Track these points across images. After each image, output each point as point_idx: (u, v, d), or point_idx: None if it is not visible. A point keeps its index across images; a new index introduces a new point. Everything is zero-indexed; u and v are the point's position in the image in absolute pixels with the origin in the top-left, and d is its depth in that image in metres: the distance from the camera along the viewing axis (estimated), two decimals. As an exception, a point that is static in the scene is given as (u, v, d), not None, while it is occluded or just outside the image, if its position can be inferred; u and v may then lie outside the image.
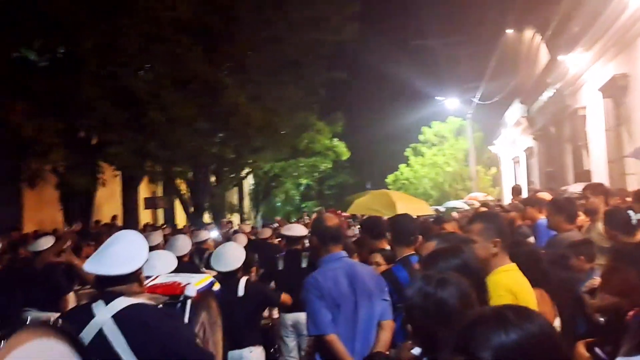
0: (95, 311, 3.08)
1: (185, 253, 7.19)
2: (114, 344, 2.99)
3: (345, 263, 4.28)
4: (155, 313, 3.14)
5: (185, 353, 3.08)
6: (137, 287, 3.21)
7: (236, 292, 5.44)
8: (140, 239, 3.30)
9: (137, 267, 3.18)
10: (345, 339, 4.06)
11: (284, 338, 7.23)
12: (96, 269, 3.15)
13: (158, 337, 3.02)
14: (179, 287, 3.76)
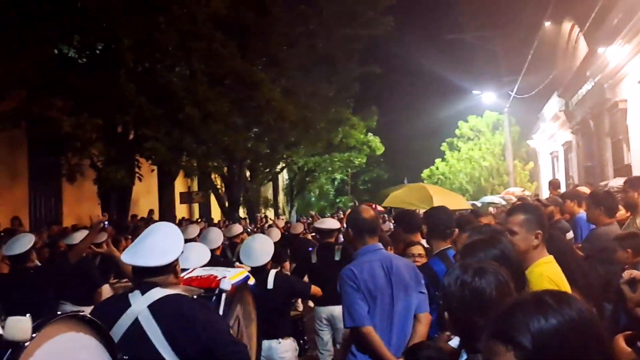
0: (131, 301, 3.11)
1: (217, 246, 7.22)
2: (149, 333, 3.01)
3: (382, 255, 4.24)
4: (190, 304, 3.14)
5: (219, 343, 3.08)
6: (172, 278, 3.23)
7: (265, 284, 5.44)
8: (176, 231, 3.32)
9: (173, 259, 3.19)
10: (382, 331, 4.03)
11: (318, 331, 7.23)
12: (133, 260, 3.18)
13: (193, 328, 3.02)
14: (215, 281, 3.77)
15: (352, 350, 4.12)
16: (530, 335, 1.51)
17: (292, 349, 5.63)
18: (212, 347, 3.03)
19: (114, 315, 3.04)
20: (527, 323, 1.53)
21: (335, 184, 44.30)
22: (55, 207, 18.95)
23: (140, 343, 2.97)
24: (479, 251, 2.74)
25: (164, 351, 2.99)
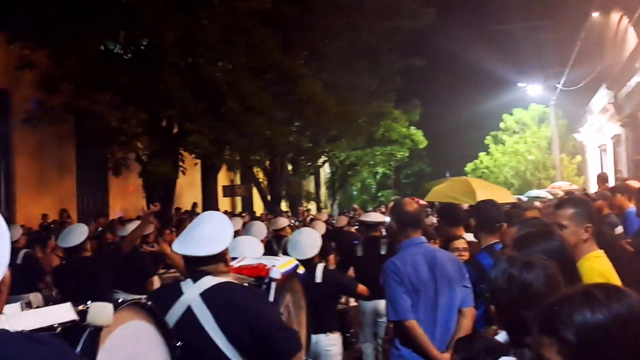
0: (184, 289, 3.15)
1: (260, 239, 7.25)
2: (202, 320, 3.05)
3: (425, 248, 4.20)
4: (242, 292, 3.18)
5: (271, 330, 3.10)
6: (223, 266, 3.26)
7: (314, 278, 5.44)
8: (225, 220, 3.34)
9: (223, 248, 3.22)
10: (426, 325, 3.99)
11: (362, 324, 7.22)
12: (184, 249, 3.22)
13: (244, 315, 3.05)
14: (264, 269, 3.78)
15: (395, 344, 4.10)
16: (574, 329, 1.47)
17: (339, 343, 5.63)
18: (264, 334, 3.06)
19: (167, 303, 3.09)
20: (572, 316, 1.49)
21: (377, 177, 44.07)
22: (102, 199, 19.34)
23: (193, 330, 3.01)
24: (530, 244, 2.70)
25: (217, 338, 3.03)
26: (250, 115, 15.29)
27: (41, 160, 16.34)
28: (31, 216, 15.19)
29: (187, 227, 3.38)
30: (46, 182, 16.54)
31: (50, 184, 16.69)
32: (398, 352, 4.07)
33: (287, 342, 3.12)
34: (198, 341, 3.00)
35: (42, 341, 1.67)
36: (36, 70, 14.70)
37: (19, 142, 15.77)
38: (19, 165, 15.82)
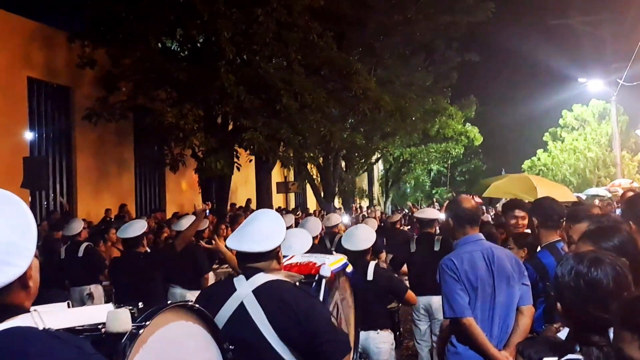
0: (236, 285, 3.17)
1: (315, 235, 7.27)
2: (254, 317, 3.06)
3: (483, 246, 4.12)
4: (293, 290, 3.18)
5: (321, 330, 3.09)
6: (275, 264, 3.26)
7: (365, 275, 5.43)
8: (279, 218, 3.35)
9: (276, 245, 3.23)
10: (483, 323, 3.93)
11: (415, 322, 7.16)
12: (238, 245, 3.24)
13: (295, 313, 3.05)
14: (314, 267, 3.79)
15: (451, 341, 4.05)
16: None
17: (390, 341, 5.61)
18: (313, 334, 3.06)
19: (221, 299, 3.12)
20: None
21: (431, 175, 43.70)
22: (159, 195, 19.71)
23: (246, 326, 3.03)
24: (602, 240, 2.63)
25: (269, 335, 3.04)
26: (305, 111, 15.34)
27: (101, 156, 16.73)
28: (91, 211, 15.59)
29: (242, 223, 3.40)
30: (105, 178, 16.94)
31: (109, 179, 17.08)
32: (454, 350, 4.02)
33: (336, 344, 3.12)
34: (250, 337, 3.02)
35: (66, 341, 1.68)
36: (96, 68, 15.10)
37: (80, 138, 16.18)
38: (79, 162, 16.24)
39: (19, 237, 1.71)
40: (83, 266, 8.57)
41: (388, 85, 19.71)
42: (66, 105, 16.11)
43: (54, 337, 1.66)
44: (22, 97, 14.44)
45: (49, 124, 15.72)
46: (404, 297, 5.71)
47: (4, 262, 1.65)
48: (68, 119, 16.14)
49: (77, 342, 1.70)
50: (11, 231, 1.70)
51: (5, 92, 13.61)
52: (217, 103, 14.66)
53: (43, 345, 1.63)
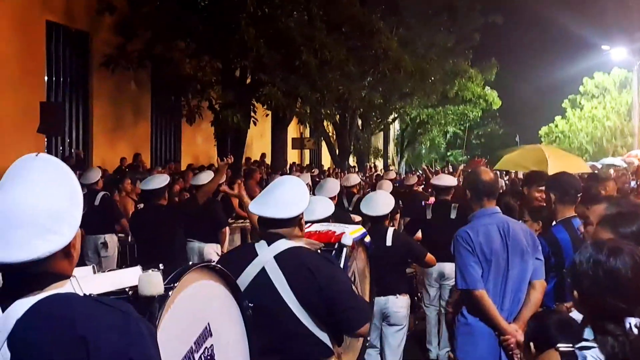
0: (258, 250, 3.18)
1: (333, 195, 7.26)
2: (275, 282, 3.09)
3: (499, 219, 4.11)
4: (315, 257, 3.19)
5: (342, 298, 3.13)
6: (297, 231, 3.27)
7: (384, 240, 5.45)
8: (303, 185, 3.35)
9: (299, 212, 3.23)
10: (495, 296, 3.95)
11: (426, 286, 7.20)
12: (261, 211, 3.23)
13: (317, 280, 3.08)
14: (333, 236, 3.81)
15: (462, 312, 4.07)
16: None
17: (407, 306, 5.68)
18: (334, 300, 3.10)
19: (242, 264, 3.13)
20: None
21: (447, 137, 43.40)
22: (174, 145, 19.75)
23: (267, 291, 3.06)
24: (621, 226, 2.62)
25: (289, 300, 3.08)
26: (324, 69, 15.20)
27: (118, 104, 16.72)
28: (106, 159, 15.66)
29: (265, 189, 3.42)
30: (122, 126, 16.96)
31: (125, 128, 17.10)
32: (465, 321, 4.05)
33: (356, 312, 3.17)
34: (270, 302, 3.05)
35: (109, 305, 1.70)
36: (116, 14, 14.98)
37: (97, 85, 16.15)
38: (96, 109, 16.24)
39: (67, 205, 1.71)
40: (99, 215, 8.60)
41: (409, 45, 19.45)
42: (84, 50, 16.03)
43: (98, 302, 1.70)
44: (41, 41, 14.38)
45: (66, 69, 15.67)
46: (424, 260, 5.77)
47: (50, 230, 1.64)
48: (85, 65, 16.08)
49: (120, 306, 1.73)
50: (59, 199, 1.69)
51: (24, 36, 13.56)
52: (236, 56, 14.55)
53: (88, 311, 1.66)
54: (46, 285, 1.66)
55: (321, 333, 3.16)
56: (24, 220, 1.62)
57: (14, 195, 1.66)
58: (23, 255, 1.60)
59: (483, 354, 3.99)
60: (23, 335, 1.60)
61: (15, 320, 1.61)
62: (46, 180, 1.70)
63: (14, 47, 13.20)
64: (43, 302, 1.63)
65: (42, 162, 1.76)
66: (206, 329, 2.46)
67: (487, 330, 3.95)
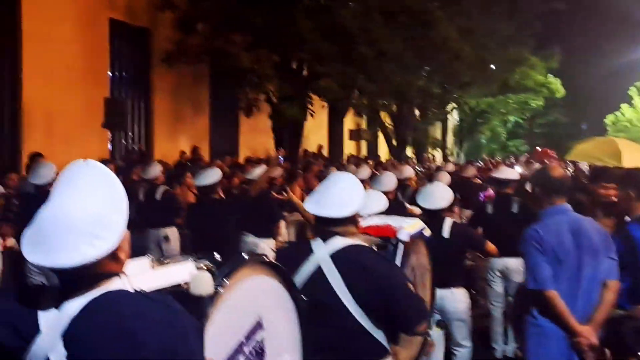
0: (314, 248, 3.17)
1: (390, 190, 7.18)
2: (331, 280, 3.08)
3: (570, 217, 3.95)
4: (371, 255, 3.18)
5: (399, 296, 3.10)
6: (353, 228, 3.26)
7: (441, 233, 5.35)
8: (358, 183, 3.32)
9: (354, 211, 3.22)
10: (566, 296, 3.80)
11: (490, 283, 7.03)
12: (317, 210, 3.22)
13: (373, 279, 3.06)
14: (391, 230, 3.76)
15: (532, 312, 3.94)
16: None
17: (465, 299, 5.57)
18: (391, 299, 3.07)
19: (298, 261, 3.13)
20: None
21: (508, 126, 42.53)
22: (232, 138, 19.91)
23: (323, 290, 3.05)
24: None
25: (345, 298, 3.06)
26: (381, 60, 15.06)
27: (177, 99, 16.93)
28: (166, 153, 15.90)
29: (319, 186, 3.40)
30: (181, 120, 17.19)
31: (184, 122, 17.33)
32: (535, 322, 3.93)
33: (414, 311, 3.15)
34: (327, 300, 3.04)
35: (157, 301, 1.78)
36: (175, 10, 15.17)
37: (157, 80, 16.38)
38: (156, 104, 16.49)
39: (111, 211, 1.77)
40: (161, 209, 8.73)
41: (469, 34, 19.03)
42: (145, 47, 16.28)
43: (146, 298, 1.78)
44: (104, 38, 14.65)
45: (128, 65, 15.95)
46: (484, 248, 5.65)
47: (96, 235, 1.71)
48: (147, 61, 16.33)
49: (167, 302, 1.81)
50: (103, 205, 1.76)
51: (89, 33, 13.85)
52: (293, 49, 14.56)
53: (137, 307, 1.74)
54: (97, 285, 1.74)
55: (377, 332, 3.15)
56: (73, 226, 1.70)
57: (64, 202, 1.74)
58: (72, 260, 1.68)
59: (554, 356, 3.87)
60: (77, 333, 1.69)
61: (70, 319, 1.70)
62: (93, 187, 1.77)
63: (80, 46, 13.50)
64: (94, 300, 1.72)
65: (90, 169, 1.82)
66: (258, 322, 2.49)
67: (559, 331, 3.82)
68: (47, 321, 1.72)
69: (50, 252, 1.68)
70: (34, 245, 1.71)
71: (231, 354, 2.29)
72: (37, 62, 12.33)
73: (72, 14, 13.29)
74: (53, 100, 12.64)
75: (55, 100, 12.67)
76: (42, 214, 1.75)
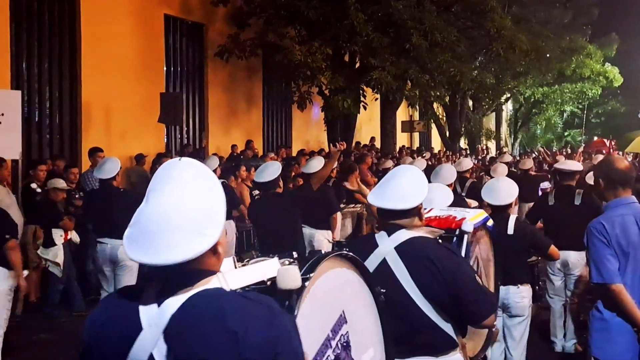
0: (378, 241, 3.17)
1: (450, 183, 7.12)
2: (397, 273, 3.07)
3: (636, 209, 3.84)
4: (437, 248, 3.14)
5: (466, 289, 3.06)
6: (417, 221, 3.23)
7: (506, 229, 5.27)
8: (421, 175, 3.30)
9: (418, 202, 3.19)
10: (633, 291, 3.70)
11: (550, 276, 6.94)
12: (381, 202, 3.22)
13: (440, 272, 3.03)
14: (454, 221, 3.72)
15: (597, 306, 3.86)
16: None
17: (529, 295, 5.48)
18: (459, 292, 3.04)
19: (363, 255, 3.07)
20: None
21: (564, 116, 41.57)
22: (286, 131, 20.05)
23: (389, 282, 3.01)
24: None
25: (412, 291, 3.06)
26: (435, 51, 14.92)
27: (231, 92, 17.12)
28: (220, 146, 16.12)
29: (383, 179, 3.37)
30: (235, 114, 17.37)
31: (238, 115, 17.51)
32: (600, 316, 3.84)
33: (482, 304, 3.10)
34: (393, 293, 3.00)
35: (255, 300, 1.79)
36: (229, 5, 15.36)
37: (212, 75, 16.59)
38: (211, 97, 16.69)
39: (212, 207, 1.80)
40: (218, 203, 8.86)
41: (523, 23, 18.71)
42: (200, 42, 16.50)
43: (245, 298, 1.80)
44: (159, 34, 14.91)
45: (183, 60, 16.17)
46: (547, 251, 5.51)
47: (200, 232, 1.73)
48: (201, 56, 16.55)
49: (266, 301, 1.82)
50: (207, 202, 1.79)
51: (144, 29, 14.11)
52: (346, 41, 14.57)
53: (238, 305, 1.75)
54: (196, 282, 1.77)
55: (445, 324, 3.12)
56: (180, 223, 1.72)
57: (167, 200, 1.76)
58: (179, 256, 1.70)
59: (621, 351, 3.77)
60: (178, 330, 1.71)
61: (170, 316, 1.71)
62: (196, 185, 1.81)
63: (136, 42, 13.78)
64: (194, 298, 1.73)
65: (187, 166, 1.85)
66: (341, 316, 2.48)
67: (626, 326, 3.72)
68: (148, 318, 1.74)
69: (157, 250, 1.70)
70: (138, 244, 1.73)
71: (320, 348, 2.30)
72: (94, 60, 12.65)
73: (128, 11, 13.57)
74: (110, 96, 12.96)
75: (112, 96, 12.99)
76: (144, 213, 1.76)
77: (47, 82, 12.34)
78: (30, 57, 12.00)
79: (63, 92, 12.63)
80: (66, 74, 12.63)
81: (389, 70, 14.41)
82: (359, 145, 19.36)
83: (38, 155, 11.65)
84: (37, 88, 12.17)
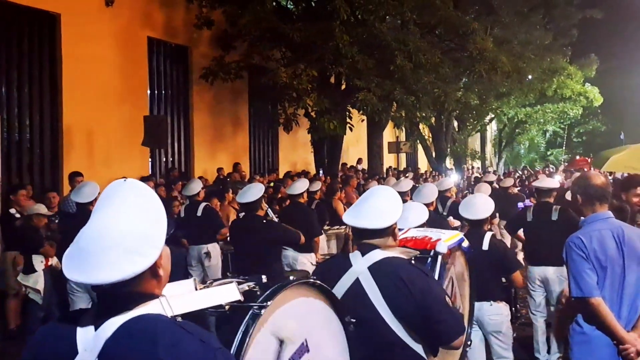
0: (352, 261, 3.20)
1: (431, 201, 7.21)
2: (369, 293, 3.09)
3: (613, 224, 3.93)
4: (409, 268, 3.16)
5: (436, 310, 3.09)
6: (391, 241, 3.27)
7: (481, 244, 5.35)
8: (395, 195, 3.33)
9: (392, 222, 3.22)
10: (611, 304, 3.78)
11: (530, 292, 7.03)
12: (355, 221, 3.24)
13: (411, 292, 3.05)
14: (430, 242, 3.79)
15: (577, 320, 3.93)
16: None
17: (504, 312, 5.51)
18: (428, 313, 3.06)
19: (336, 274, 3.16)
20: None
21: (546, 136, 41.98)
22: (272, 153, 20.10)
23: (361, 302, 3.06)
24: None
25: (383, 311, 3.07)
26: (419, 72, 15.09)
27: (216, 115, 17.16)
28: (206, 169, 16.12)
29: (359, 199, 3.41)
30: (221, 137, 17.39)
31: (224, 138, 17.53)
32: (580, 330, 3.90)
33: (450, 325, 3.13)
34: (365, 313, 3.04)
35: (191, 333, 1.75)
36: (213, 28, 15.46)
37: (197, 97, 16.62)
38: (196, 120, 16.71)
39: (150, 227, 1.78)
40: (201, 226, 8.85)
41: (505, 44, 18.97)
42: (184, 64, 16.55)
43: (181, 328, 1.75)
44: (143, 57, 14.94)
45: (167, 83, 16.18)
46: (512, 274, 5.52)
47: (136, 252, 1.72)
48: (186, 78, 16.59)
49: (202, 335, 1.76)
50: (144, 222, 1.77)
51: (127, 52, 14.13)
52: (331, 63, 14.67)
53: (172, 336, 1.71)
54: (134, 305, 1.75)
55: (415, 344, 3.15)
56: (113, 243, 1.71)
57: (104, 220, 1.76)
58: (113, 276, 1.69)
59: (601, 364, 3.84)
60: (111, 355, 1.68)
61: (105, 340, 1.70)
62: (133, 205, 1.79)
63: (118, 64, 13.78)
64: (130, 323, 1.71)
65: (128, 186, 1.85)
66: (303, 344, 2.47)
67: (605, 339, 3.80)
68: (84, 342, 1.73)
69: (91, 269, 1.68)
70: (74, 263, 1.72)
71: None
72: (76, 82, 12.61)
73: (111, 34, 13.58)
74: (93, 120, 12.89)
75: (94, 120, 12.93)
76: (83, 233, 1.76)
77: (28, 106, 12.22)
78: (10, 81, 11.92)
79: (44, 116, 12.53)
80: (47, 97, 12.54)
81: (375, 91, 14.52)
82: (345, 166, 19.46)
83: (18, 180, 11.52)
84: (17, 112, 12.05)
